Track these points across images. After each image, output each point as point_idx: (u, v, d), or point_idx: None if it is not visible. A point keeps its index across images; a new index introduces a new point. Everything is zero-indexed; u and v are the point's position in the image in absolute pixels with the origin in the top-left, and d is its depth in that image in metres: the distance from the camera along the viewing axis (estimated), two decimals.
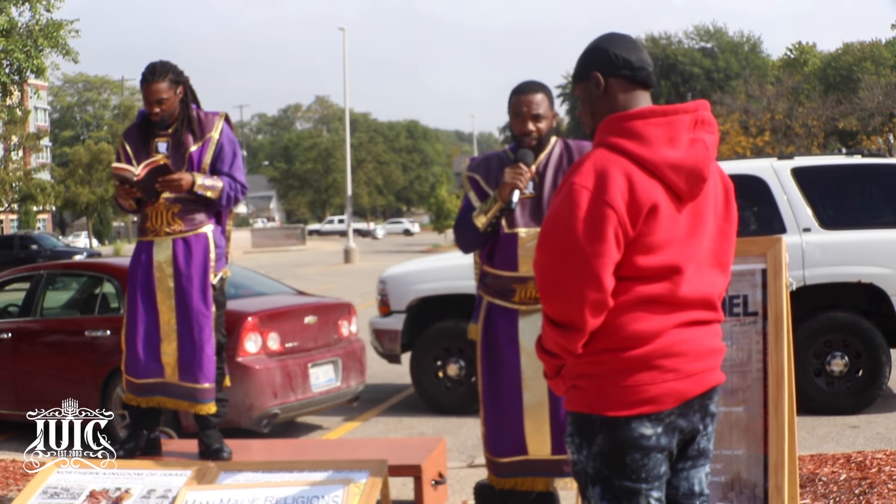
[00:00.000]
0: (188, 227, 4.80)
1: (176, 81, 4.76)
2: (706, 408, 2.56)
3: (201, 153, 4.80)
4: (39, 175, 46.74)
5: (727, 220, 2.61)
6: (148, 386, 4.86)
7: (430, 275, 8.50)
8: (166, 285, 4.81)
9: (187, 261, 4.78)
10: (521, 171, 3.92)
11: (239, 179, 4.86)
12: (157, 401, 4.89)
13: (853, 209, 7.99)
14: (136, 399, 4.88)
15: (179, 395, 4.84)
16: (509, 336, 4.11)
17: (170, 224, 4.79)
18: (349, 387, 7.76)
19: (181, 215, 4.79)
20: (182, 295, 4.78)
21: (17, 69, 21.93)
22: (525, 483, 4.17)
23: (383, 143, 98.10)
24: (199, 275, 4.78)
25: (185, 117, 4.81)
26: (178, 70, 4.80)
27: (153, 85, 4.69)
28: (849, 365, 7.51)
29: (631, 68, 2.53)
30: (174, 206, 4.78)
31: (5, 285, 8.26)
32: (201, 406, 4.81)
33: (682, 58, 60.76)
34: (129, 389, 4.90)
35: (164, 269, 4.80)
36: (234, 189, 4.83)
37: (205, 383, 4.79)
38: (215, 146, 4.82)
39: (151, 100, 4.70)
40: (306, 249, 50.55)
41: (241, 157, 4.95)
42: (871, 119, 37.43)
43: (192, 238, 4.80)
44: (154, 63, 4.76)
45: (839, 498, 4.93)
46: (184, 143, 4.79)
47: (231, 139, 4.90)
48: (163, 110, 4.72)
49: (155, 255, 4.83)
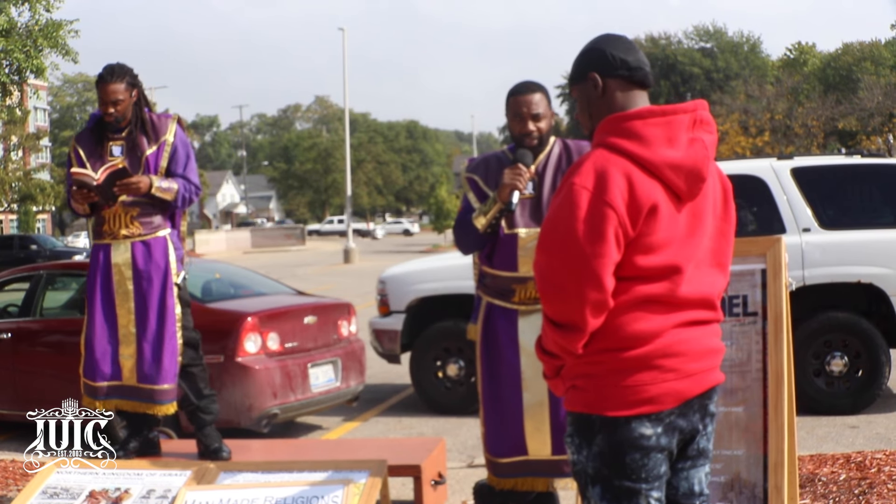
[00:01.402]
0: (146, 230, 4.83)
1: (132, 84, 4.80)
2: (706, 408, 2.56)
3: (157, 156, 4.83)
4: (39, 175, 46.72)
5: (726, 220, 2.61)
6: (105, 389, 4.85)
7: (430, 275, 8.50)
8: (125, 288, 4.82)
9: (147, 262, 4.80)
10: (520, 172, 3.92)
11: (193, 181, 4.91)
12: (115, 404, 4.86)
13: (853, 209, 7.99)
14: (93, 402, 4.84)
15: (137, 396, 4.83)
16: (509, 336, 4.11)
17: (128, 227, 4.81)
18: (349, 387, 7.76)
19: (139, 218, 4.81)
20: (142, 296, 4.80)
21: (17, 69, 21.94)
22: (525, 483, 4.17)
23: (383, 143, 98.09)
24: (159, 276, 4.80)
25: (138, 120, 4.85)
26: (133, 73, 4.85)
27: (110, 85, 4.72)
28: (848, 365, 7.51)
29: (628, 68, 2.53)
30: (132, 209, 4.80)
31: (5, 285, 8.26)
32: (159, 407, 4.81)
33: (682, 58, 60.74)
34: (87, 393, 4.88)
35: (123, 272, 4.82)
36: (189, 190, 4.87)
37: (163, 384, 4.78)
38: (170, 148, 4.86)
39: (107, 100, 4.73)
40: (306, 249, 50.57)
41: (193, 159, 4.99)
42: (870, 119, 37.42)
43: (151, 241, 4.83)
44: (112, 64, 4.81)
45: (839, 498, 4.94)
46: (139, 146, 4.83)
47: (184, 141, 4.94)
48: (117, 111, 4.75)
49: (113, 258, 4.84)
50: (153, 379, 4.78)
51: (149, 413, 4.87)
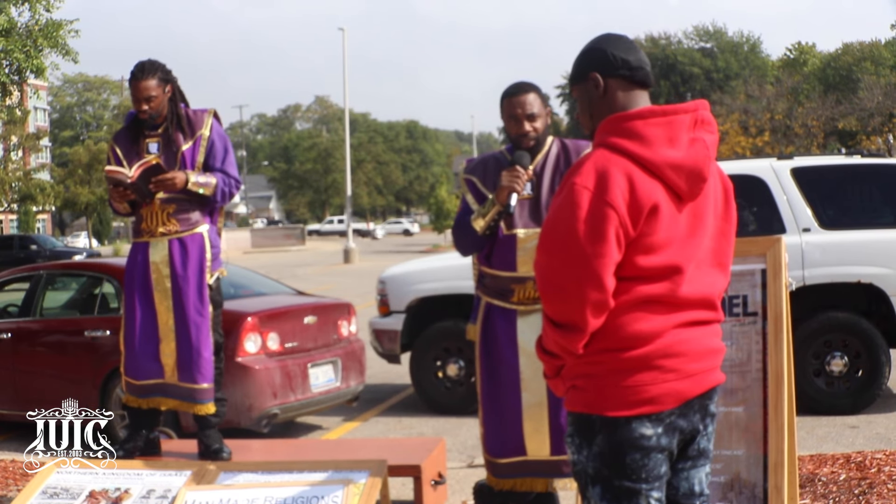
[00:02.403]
0: (184, 227, 4.80)
1: (164, 80, 4.77)
2: (706, 408, 2.56)
3: (194, 151, 4.80)
4: (39, 175, 46.72)
5: (727, 220, 2.61)
6: (148, 387, 4.86)
7: (430, 275, 8.50)
8: (163, 286, 4.81)
9: (183, 261, 4.78)
10: (517, 174, 3.92)
11: (232, 174, 4.86)
12: (157, 401, 4.90)
13: (853, 209, 7.99)
14: (137, 400, 4.89)
15: (179, 395, 4.84)
16: (508, 336, 4.11)
17: (165, 224, 4.79)
18: (349, 387, 7.76)
19: (176, 215, 4.79)
20: (179, 295, 4.78)
21: (17, 69, 21.93)
22: (524, 484, 4.17)
23: (383, 143, 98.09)
24: (195, 275, 4.78)
25: (174, 116, 4.82)
26: (166, 69, 4.81)
27: (142, 82, 4.70)
28: (848, 365, 7.51)
29: (629, 68, 2.53)
30: (169, 206, 4.78)
31: (5, 285, 8.26)
32: (200, 406, 4.82)
33: (682, 58, 60.74)
34: (129, 391, 4.90)
35: (161, 270, 4.80)
36: (228, 184, 4.83)
37: (203, 383, 4.79)
38: (207, 143, 4.82)
39: (140, 97, 4.71)
40: (306, 249, 50.55)
41: (232, 153, 4.94)
42: (870, 119, 37.42)
43: (187, 238, 4.80)
44: (143, 61, 4.77)
45: (839, 498, 4.93)
46: (175, 142, 4.80)
47: (221, 135, 4.90)
48: (151, 108, 4.72)
49: (151, 256, 4.83)
50: (193, 378, 4.78)
51: (194, 413, 4.87)
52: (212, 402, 4.83)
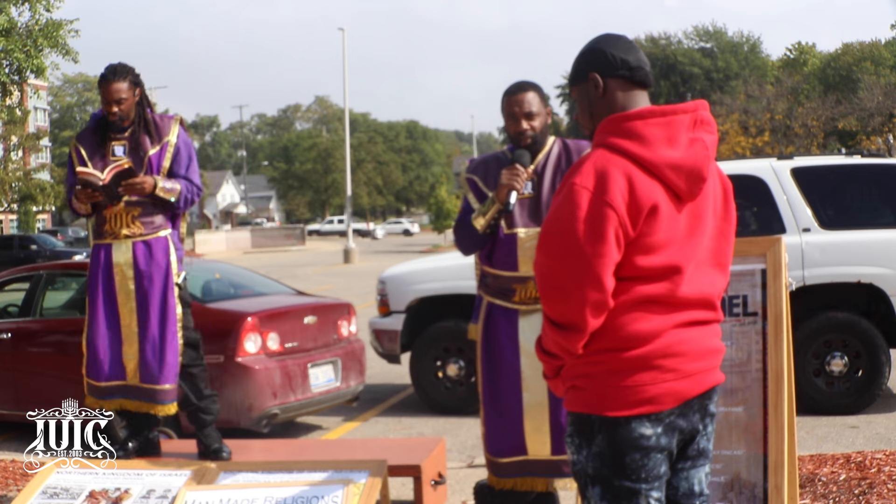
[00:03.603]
0: (148, 230, 4.83)
1: (134, 83, 4.81)
2: (706, 408, 2.56)
3: (160, 157, 4.83)
4: (39, 175, 46.71)
5: (726, 220, 2.61)
6: (109, 389, 4.86)
7: (430, 275, 8.50)
8: (126, 287, 4.82)
9: (148, 262, 4.80)
10: (517, 173, 3.93)
11: (195, 182, 4.91)
12: (119, 403, 4.88)
13: (853, 209, 7.99)
14: (98, 402, 4.84)
15: (140, 396, 4.83)
16: (509, 336, 4.11)
17: (129, 226, 4.81)
18: (349, 387, 7.76)
19: (141, 218, 4.81)
20: (143, 296, 4.80)
21: (17, 69, 21.93)
22: (524, 483, 4.17)
23: (383, 143, 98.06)
24: (160, 275, 4.80)
25: (141, 119, 4.85)
26: (136, 73, 4.85)
27: (113, 84, 4.73)
28: (848, 365, 7.51)
29: (629, 68, 2.53)
30: (134, 209, 4.80)
31: (5, 285, 8.26)
32: (161, 407, 4.82)
33: (682, 58, 60.75)
34: (91, 392, 4.89)
35: (125, 272, 4.82)
36: (191, 192, 4.87)
37: (165, 384, 4.79)
38: (173, 149, 4.86)
39: (111, 99, 4.73)
40: (306, 249, 50.55)
41: (196, 160, 4.99)
42: (870, 119, 37.42)
43: (152, 241, 4.83)
44: (114, 64, 4.81)
45: (839, 498, 4.93)
46: (142, 146, 4.83)
47: (187, 142, 4.94)
48: (121, 110, 4.75)
49: (114, 257, 4.83)
50: (155, 379, 4.78)
51: (151, 413, 4.87)
52: (174, 402, 4.83)
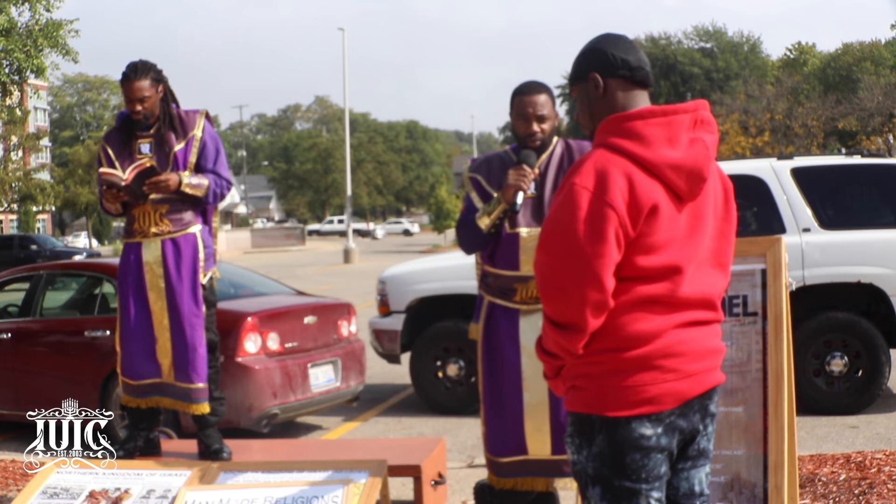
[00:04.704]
0: (176, 227, 4.81)
1: (157, 80, 4.77)
2: (706, 408, 2.56)
3: (186, 152, 4.80)
4: (39, 175, 46.74)
5: (727, 220, 2.61)
6: (145, 387, 4.87)
7: (430, 275, 8.50)
8: (157, 286, 4.81)
9: (177, 261, 4.78)
10: (524, 173, 3.93)
11: (224, 176, 4.87)
12: (156, 401, 4.90)
13: (853, 209, 8.00)
14: (135, 400, 4.89)
15: (175, 394, 4.85)
16: (510, 336, 4.11)
17: (157, 224, 4.79)
18: (349, 387, 7.76)
19: (169, 215, 4.79)
20: (173, 295, 4.79)
21: (17, 69, 21.93)
22: (525, 483, 4.17)
23: (383, 143, 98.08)
24: (189, 275, 4.79)
25: (166, 116, 4.82)
26: (158, 69, 4.81)
27: (135, 83, 4.69)
28: (848, 365, 7.51)
29: (629, 68, 2.53)
30: (161, 206, 4.78)
31: (5, 285, 8.26)
32: (196, 406, 4.82)
33: (682, 58, 60.73)
34: (127, 391, 4.91)
35: (154, 270, 4.81)
36: (220, 185, 4.84)
37: (198, 383, 4.80)
38: (199, 144, 4.83)
39: (133, 98, 4.70)
40: (306, 249, 50.56)
41: (223, 154, 4.95)
42: (870, 119, 37.42)
43: (180, 238, 4.81)
44: (135, 62, 4.77)
45: (839, 498, 4.93)
46: (167, 143, 4.79)
47: (213, 136, 4.90)
48: (144, 108, 4.72)
49: (144, 256, 4.83)
50: (189, 378, 4.79)
51: (189, 412, 4.88)
52: (206, 401, 4.84)
